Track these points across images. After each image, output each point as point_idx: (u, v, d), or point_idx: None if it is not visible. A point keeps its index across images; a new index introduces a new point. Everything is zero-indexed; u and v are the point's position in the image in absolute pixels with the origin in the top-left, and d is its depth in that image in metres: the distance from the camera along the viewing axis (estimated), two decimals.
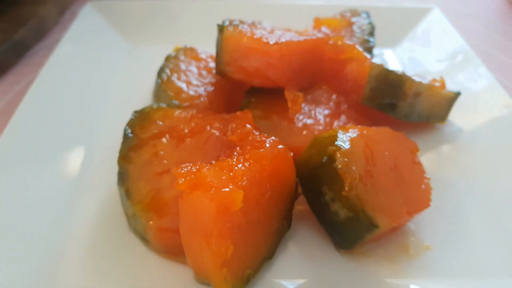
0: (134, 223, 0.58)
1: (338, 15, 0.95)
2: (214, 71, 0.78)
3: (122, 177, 0.59)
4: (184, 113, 0.67)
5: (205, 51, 0.87)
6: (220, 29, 0.69)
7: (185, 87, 0.76)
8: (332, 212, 0.55)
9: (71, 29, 0.97)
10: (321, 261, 0.58)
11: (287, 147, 0.58)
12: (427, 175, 0.62)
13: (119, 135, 0.63)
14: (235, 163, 0.53)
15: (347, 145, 0.56)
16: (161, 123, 0.65)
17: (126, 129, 0.63)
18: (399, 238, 0.60)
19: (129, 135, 0.62)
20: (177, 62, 0.81)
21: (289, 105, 0.68)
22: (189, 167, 0.51)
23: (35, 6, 1.06)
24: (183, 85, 0.76)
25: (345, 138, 0.57)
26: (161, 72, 0.78)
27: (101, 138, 0.75)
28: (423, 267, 0.57)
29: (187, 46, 0.87)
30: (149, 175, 0.59)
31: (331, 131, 0.59)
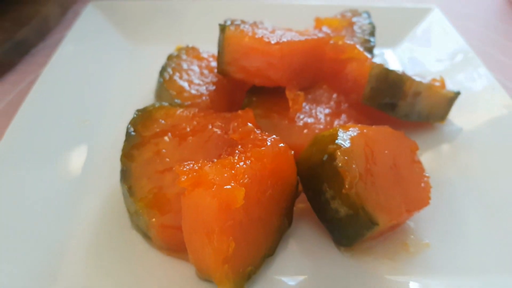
0: (136, 220, 0.59)
1: (338, 15, 0.95)
2: (215, 71, 0.78)
3: (124, 174, 0.59)
4: (186, 111, 0.67)
5: (207, 51, 0.87)
6: (221, 28, 0.69)
7: (187, 86, 0.76)
8: (332, 209, 0.56)
9: (73, 29, 0.98)
10: (321, 258, 0.58)
11: (288, 146, 0.58)
12: (426, 174, 0.63)
13: (122, 134, 0.63)
14: (237, 161, 0.53)
15: (347, 143, 0.56)
16: (163, 121, 0.65)
17: (128, 127, 0.63)
18: (399, 236, 0.61)
19: (132, 134, 0.63)
20: (179, 61, 0.82)
21: (290, 104, 0.69)
22: (191, 165, 0.51)
23: (38, 5, 1.06)
24: (185, 84, 0.76)
25: (345, 136, 0.57)
26: (163, 71, 0.78)
27: (104, 136, 0.76)
28: (422, 264, 0.57)
29: (189, 45, 0.87)
30: (152, 173, 0.59)
31: (332, 130, 0.60)
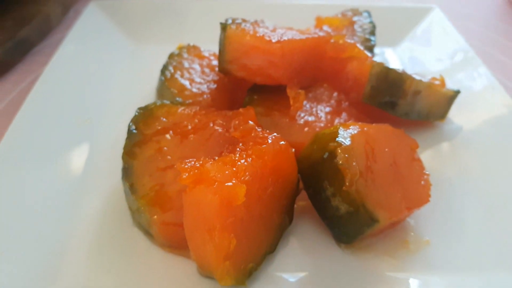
0: (138, 217, 0.59)
1: (339, 14, 0.95)
2: (216, 69, 0.78)
3: (126, 172, 0.59)
4: (187, 110, 0.67)
5: (208, 49, 0.87)
6: (223, 27, 0.70)
7: (188, 84, 0.76)
8: (333, 207, 0.56)
9: (74, 28, 0.98)
10: (321, 255, 0.58)
11: (289, 144, 0.59)
12: (426, 172, 0.63)
13: (123, 132, 0.63)
14: (238, 158, 0.54)
15: (348, 141, 0.56)
16: (164, 119, 0.65)
17: (130, 125, 0.63)
18: (399, 233, 0.61)
19: (133, 131, 0.63)
20: (180, 60, 0.82)
21: (291, 102, 0.69)
22: (193, 162, 0.52)
23: (39, 4, 1.07)
24: (186, 83, 0.76)
25: (346, 134, 0.58)
26: (164, 69, 0.78)
27: (105, 135, 0.76)
28: (422, 261, 0.58)
29: (190, 44, 0.87)
30: (153, 171, 0.60)
31: (332, 128, 0.60)
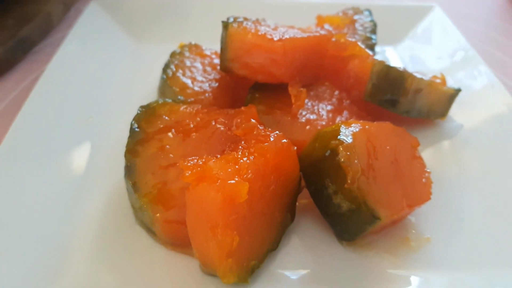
0: (141, 215, 0.59)
1: (340, 13, 0.96)
2: (218, 67, 0.78)
3: (129, 170, 0.59)
4: (189, 108, 0.67)
5: (210, 48, 0.87)
6: (224, 26, 0.70)
7: (190, 83, 0.76)
8: (334, 204, 0.56)
9: (76, 27, 0.98)
10: (323, 253, 0.59)
11: (291, 142, 0.59)
12: (427, 169, 0.63)
13: (125, 130, 0.64)
14: (240, 156, 0.54)
15: (349, 139, 0.56)
16: (167, 118, 0.65)
17: (132, 123, 0.63)
18: (400, 230, 0.61)
19: (136, 130, 0.63)
20: (182, 58, 0.82)
21: (293, 100, 0.69)
22: (196, 160, 0.52)
23: (40, 3, 1.07)
24: (188, 81, 0.76)
25: (347, 132, 0.58)
26: (166, 68, 0.78)
27: (108, 133, 0.76)
28: (423, 259, 0.58)
29: (191, 42, 0.87)
30: (156, 169, 0.60)
31: (334, 126, 0.60)
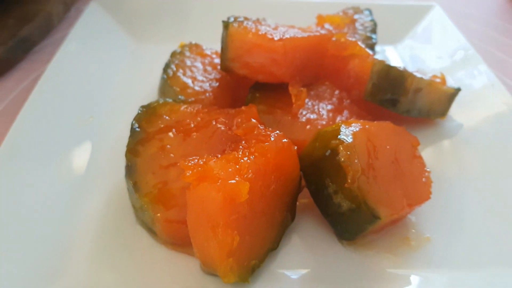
0: (141, 215, 0.59)
1: (341, 12, 0.96)
2: (219, 67, 0.78)
3: (129, 170, 0.60)
4: (190, 108, 0.67)
5: (210, 48, 0.87)
6: (225, 25, 0.70)
7: (191, 82, 0.76)
8: (335, 204, 0.56)
9: (76, 26, 0.98)
10: (324, 252, 0.59)
11: (291, 141, 0.59)
12: (427, 169, 0.63)
13: (126, 130, 0.64)
14: (241, 156, 0.54)
15: (349, 139, 0.57)
16: (167, 117, 0.65)
17: (133, 123, 0.64)
18: (400, 230, 0.61)
19: (137, 130, 0.63)
20: (182, 58, 0.82)
21: (293, 100, 0.70)
22: (196, 160, 0.52)
23: (41, 3, 1.07)
24: (189, 81, 0.76)
25: (347, 132, 0.58)
26: (166, 68, 0.78)
27: (108, 133, 0.76)
28: (423, 258, 0.58)
29: (192, 42, 0.87)
30: (156, 168, 0.60)
31: (334, 126, 0.60)
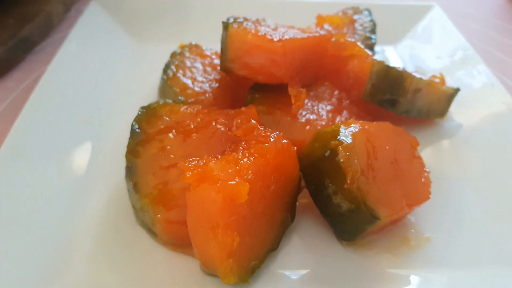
0: (142, 216, 0.59)
1: (340, 13, 0.96)
2: (218, 68, 0.78)
3: (130, 171, 0.60)
4: (189, 108, 0.67)
5: (210, 48, 0.87)
6: (225, 26, 0.70)
7: (191, 83, 0.76)
8: (334, 204, 0.56)
9: (76, 26, 0.98)
10: (323, 252, 0.59)
11: (291, 142, 0.59)
12: (426, 169, 0.64)
13: (126, 131, 0.64)
14: (241, 157, 0.54)
15: (349, 139, 0.57)
16: (167, 118, 0.65)
17: (133, 124, 0.64)
18: (400, 230, 0.61)
19: (137, 130, 0.63)
20: (182, 58, 0.82)
21: (293, 101, 0.70)
22: (196, 161, 0.52)
23: (41, 3, 1.07)
24: (189, 82, 0.77)
25: (347, 132, 0.58)
26: (166, 68, 0.79)
27: (108, 133, 0.76)
28: (423, 258, 0.58)
29: (192, 43, 0.87)
30: (156, 169, 0.60)
31: (334, 126, 0.60)
